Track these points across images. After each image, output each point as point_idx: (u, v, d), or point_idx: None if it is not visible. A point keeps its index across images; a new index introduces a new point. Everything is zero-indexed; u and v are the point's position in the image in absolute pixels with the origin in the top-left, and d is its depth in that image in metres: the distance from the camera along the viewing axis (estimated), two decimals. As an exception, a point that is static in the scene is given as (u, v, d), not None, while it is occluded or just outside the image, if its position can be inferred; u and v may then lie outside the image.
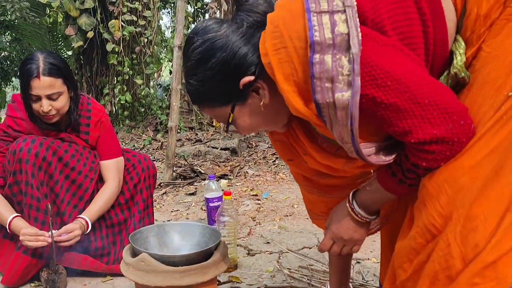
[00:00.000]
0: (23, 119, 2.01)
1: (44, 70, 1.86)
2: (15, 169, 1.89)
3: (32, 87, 1.86)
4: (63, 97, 1.94)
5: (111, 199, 2.08)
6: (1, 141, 2.01)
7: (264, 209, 2.95)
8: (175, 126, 3.72)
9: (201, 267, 1.45)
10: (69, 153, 2.02)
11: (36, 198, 1.89)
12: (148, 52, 8.47)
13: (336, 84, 0.91)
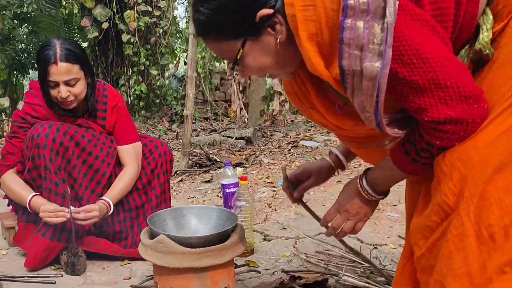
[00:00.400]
0: (41, 106, 2.03)
1: (61, 56, 1.87)
2: (33, 154, 1.91)
3: (50, 73, 1.88)
4: (80, 83, 1.95)
5: (131, 183, 2.10)
6: (19, 128, 2.03)
7: (280, 196, 2.94)
8: (191, 114, 3.73)
9: (218, 249, 1.45)
10: (86, 138, 2.04)
11: (54, 182, 1.92)
12: (163, 43, 8.49)
13: (366, 53, 0.88)
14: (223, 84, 9.70)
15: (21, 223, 2.09)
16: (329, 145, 4.86)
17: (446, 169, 0.94)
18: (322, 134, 5.54)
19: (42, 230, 1.92)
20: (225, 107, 9.26)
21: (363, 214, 1.19)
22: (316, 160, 4.01)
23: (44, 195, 1.94)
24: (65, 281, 1.84)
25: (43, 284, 1.81)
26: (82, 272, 1.92)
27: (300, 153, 4.43)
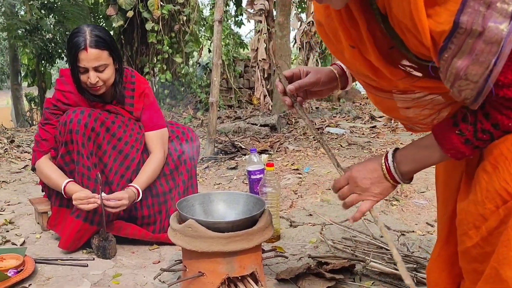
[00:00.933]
0: (72, 92, 2.07)
1: (91, 42, 1.91)
2: (66, 139, 1.96)
3: (80, 59, 1.91)
4: (109, 69, 1.98)
5: (158, 169, 2.12)
6: (51, 114, 2.08)
7: (306, 183, 2.94)
8: (216, 101, 3.74)
9: (247, 234, 1.47)
10: (116, 124, 2.07)
11: (87, 167, 1.96)
12: (187, 30, 8.51)
13: (492, 12, 0.77)
14: (247, 71, 9.68)
15: (54, 208, 2.15)
16: (354, 132, 4.82)
17: (508, 153, 0.88)
18: (348, 121, 5.49)
19: (76, 212, 1.97)
20: (249, 94, 9.25)
21: (372, 194, 1.10)
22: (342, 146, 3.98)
23: (77, 179, 1.99)
24: (97, 264, 1.89)
25: (76, 267, 1.85)
26: (113, 255, 1.97)
27: (326, 140, 4.41)
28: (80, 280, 1.74)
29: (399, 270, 1.14)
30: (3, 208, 2.70)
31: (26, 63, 14.19)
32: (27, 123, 13.64)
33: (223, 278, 1.49)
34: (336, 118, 5.83)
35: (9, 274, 1.68)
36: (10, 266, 1.73)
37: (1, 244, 2.14)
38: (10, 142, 4.69)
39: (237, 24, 9.99)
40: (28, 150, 4.63)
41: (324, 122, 5.42)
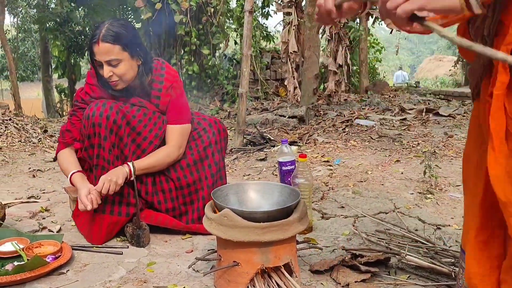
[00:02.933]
0: (97, 85, 2.07)
1: (103, 36, 1.88)
2: (89, 132, 1.96)
3: (94, 52, 1.92)
4: (124, 64, 1.94)
5: (163, 160, 2.07)
6: (78, 107, 2.10)
7: (337, 175, 2.91)
8: (245, 92, 3.73)
9: (282, 224, 1.46)
10: (136, 118, 2.05)
11: (107, 160, 1.97)
12: (214, 22, 8.51)
13: None
14: (274, 63, 9.64)
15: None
16: (384, 124, 4.74)
17: None
18: (377, 113, 5.41)
19: (100, 208, 1.98)
20: (276, 86, 9.22)
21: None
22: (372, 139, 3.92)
23: (96, 172, 2.00)
24: (131, 252, 1.91)
25: (111, 254, 1.88)
26: (147, 244, 1.99)
27: (356, 132, 4.35)
28: (115, 268, 1.76)
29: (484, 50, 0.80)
30: (39, 196, 2.76)
31: (56, 55, 14.48)
32: (57, 114, 13.95)
33: (258, 268, 1.49)
34: (365, 110, 5.75)
35: (47, 259, 1.71)
36: (48, 252, 1.77)
37: (38, 230, 2.18)
38: (44, 132, 4.80)
39: (264, 16, 9.93)
40: (60, 140, 4.73)
41: (353, 114, 5.35)
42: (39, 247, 1.83)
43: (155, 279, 1.67)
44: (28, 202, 2.63)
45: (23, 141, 4.15)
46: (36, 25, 14.21)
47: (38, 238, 1.92)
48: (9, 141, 4.00)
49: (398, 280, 1.62)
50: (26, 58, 17.28)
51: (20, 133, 4.31)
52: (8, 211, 2.27)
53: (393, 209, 2.29)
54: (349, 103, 6.43)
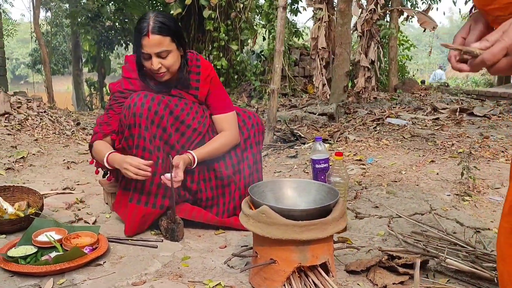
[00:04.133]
0: (137, 79, 2.09)
1: (153, 28, 1.91)
2: (129, 123, 1.98)
3: (143, 45, 1.92)
4: (172, 55, 1.97)
5: (224, 147, 2.10)
6: (116, 102, 2.11)
7: (370, 174, 2.86)
8: (277, 89, 3.71)
9: (321, 223, 1.44)
10: (179, 107, 2.07)
11: (148, 150, 1.97)
12: (243, 18, 8.51)
13: None
14: (302, 59, 9.57)
15: (119, 191, 2.20)
16: (416, 123, 4.65)
17: None
18: (408, 112, 5.31)
19: (135, 198, 2.00)
20: (304, 83, 9.16)
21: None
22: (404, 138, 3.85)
23: None
24: (166, 246, 1.93)
25: (146, 247, 1.90)
26: (181, 238, 2.00)
27: (387, 130, 4.28)
28: (151, 261, 1.77)
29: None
30: (74, 188, 2.81)
31: (87, 50, 14.74)
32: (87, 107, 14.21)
33: (295, 267, 1.47)
34: (396, 108, 5.65)
35: (85, 251, 1.74)
36: (86, 243, 1.79)
37: (74, 221, 2.22)
38: (77, 124, 4.88)
39: (293, 12, 9.87)
40: (92, 132, 4.80)
41: (383, 112, 5.27)
42: (76, 238, 1.86)
43: (190, 274, 1.67)
44: (64, 193, 2.68)
45: (57, 133, 4.23)
46: (68, 20, 14.49)
47: (76, 229, 1.95)
48: (44, 133, 4.08)
49: (437, 283, 1.58)
50: (57, 52, 17.65)
51: (54, 125, 4.40)
52: (45, 201, 2.32)
53: (429, 210, 2.23)
54: (379, 102, 6.34)
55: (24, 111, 4.32)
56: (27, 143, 3.66)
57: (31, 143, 3.71)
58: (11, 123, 3.94)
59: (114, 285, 1.57)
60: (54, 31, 17.21)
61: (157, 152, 1.99)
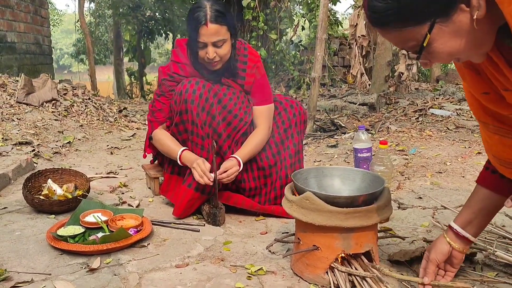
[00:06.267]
0: (187, 64, 2.11)
1: (211, 17, 1.91)
2: (181, 109, 2.00)
3: (200, 34, 1.93)
4: (227, 44, 1.98)
5: (261, 143, 2.13)
6: (167, 86, 2.14)
7: (413, 164, 2.80)
8: (318, 77, 3.67)
9: (366, 211, 1.41)
10: (227, 96, 2.09)
11: (201, 136, 2.00)
12: (282, 7, 8.44)
13: None
14: (342, 49, 9.42)
15: (166, 175, 2.24)
16: (461, 115, 4.51)
17: None
18: (453, 103, 5.14)
19: (188, 181, 2.03)
20: (344, 72, 9.02)
21: None
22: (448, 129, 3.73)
23: (190, 148, 2.04)
24: (208, 230, 1.95)
25: (188, 231, 1.92)
26: (222, 223, 2.02)
27: (430, 121, 4.17)
28: (193, 244, 1.80)
29: None
30: (117, 172, 2.88)
31: (128, 40, 15.02)
32: (127, 96, 14.52)
33: (338, 254, 1.46)
34: (439, 99, 5.49)
35: (130, 232, 1.78)
36: (131, 225, 1.84)
37: (119, 204, 2.28)
38: (119, 112, 5.00)
39: (333, 2, 9.72)
40: (134, 120, 4.91)
41: (426, 103, 5.13)
42: (121, 220, 1.90)
43: (232, 258, 1.68)
44: (108, 177, 2.76)
45: (101, 120, 4.35)
46: (110, 10, 14.80)
47: (121, 211, 2.00)
48: (89, 119, 4.20)
49: (485, 276, 1.53)
50: (99, 42, 18.07)
51: (98, 112, 4.52)
52: (91, 184, 2.38)
53: (476, 202, 2.16)
54: (421, 92, 6.17)
55: (70, 98, 4.46)
56: (73, 129, 3.78)
57: (77, 128, 3.83)
58: (58, 109, 4.07)
59: (158, 266, 1.60)
60: (97, 21, 17.62)
61: (207, 138, 2.02)
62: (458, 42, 0.90)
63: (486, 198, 1.31)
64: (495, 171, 1.26)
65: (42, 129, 3.47)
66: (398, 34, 0.93)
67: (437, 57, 0.94)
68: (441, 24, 0.88)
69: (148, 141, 2.27)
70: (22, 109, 3.71)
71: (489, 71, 1.00)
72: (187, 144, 2.06)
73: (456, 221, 1.36)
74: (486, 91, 1.05)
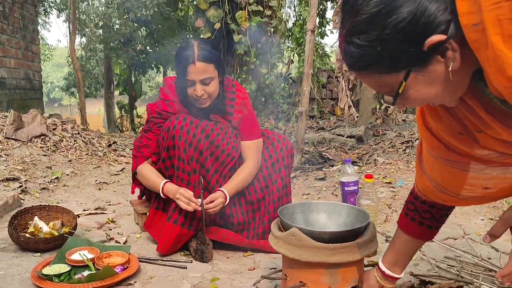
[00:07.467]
0: (175, 102, 2.15)
1: (199, 56, 1.97)
2: (168, 145, 2.03)
3: (188, 72, 1.98)
4: (214, 81, 2.03)
5: (250, 177, 2.14)
6: (154, 123, 2.17)
7: (400, 197, 2.82)
8: (305, 111, 3.73)
9: (352, 246, 1.43)
10: (215, 132, 2.12)
11: (187, 172, 2.02)
12: (274, 42, 8.61)
13: None
14: (330, 82, 9.59)
15: (152, 209, 2.24)
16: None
17: None
18: (439, 134, 5.22)
19: (173, 217, 2.03)
20: (332, 105, 9.15)
21: None
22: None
23: (176, 184, 2.05)
24: (195, 267, 1.94)
25: (176, 268, 1.91)
26: (210, 259, 2.01)
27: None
28: (180, 281, 1.78)
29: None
30: (105, 208, 2.87)
31: (118, 73, 15.14)
32: (117, 129, 14.52)
33: (325, 290, 1.46)
34: (425, 131, 5.57)
35: (116, 270, 1.76)
36: (117, 263, 1.82)
37: (106, 241, 2.26)
38: (108, 146, 5.00)
39: (320, 35, 9.95)
40: (123, 154, 4.91)
41: (413, 135, 5.20)
42: (108, 257, 1.89)
43: (219, 295, 1.67)
44: (96, 213, 2.74)
45: (90, 154, 4.34)
46: (102, 45, 14.96)
47: (107, 248, 1.99)
48: (78, 154, 4.20)
49: (472, 310, 1.53)
50: (90, 75, 18.18)
51: (87, 146, 4.52)
52: (78, 221, 2.37)
53: (462, 235, 2.18)
54: (408, 124, 6.27)
55: (59, 133, 4.46)
56: (61, 164, 3.77)
57: (65, 163, 3.82)
58: (47, 144, 4.07)
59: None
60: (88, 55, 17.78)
61: (193, 174, 2.03)
62: (433, 90, 0.92)
63: (408, 242, 1.40)
64: (414, 219, 1.35)
65: (30, 164, 3.46)
66: (374, 80, 0.94)
67: (412, 103, 0.96)
68: (417, 73, 0.89)
69: (133, 176, 2.28)
70: (10, 144, 3.71)
71: (462, 113, 1.02)
72: (173, 180, 2.07)
73: (383, 261, 1.46)
74: (460, 131, 1.06)
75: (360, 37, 0.88)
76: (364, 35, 0.87)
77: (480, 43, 0.80)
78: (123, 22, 12.58)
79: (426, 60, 0.87)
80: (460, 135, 1.08)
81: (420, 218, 1.36)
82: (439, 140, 1.13)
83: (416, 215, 1.36)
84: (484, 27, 0.77)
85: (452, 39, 0.84)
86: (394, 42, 0.85)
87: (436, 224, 1.37)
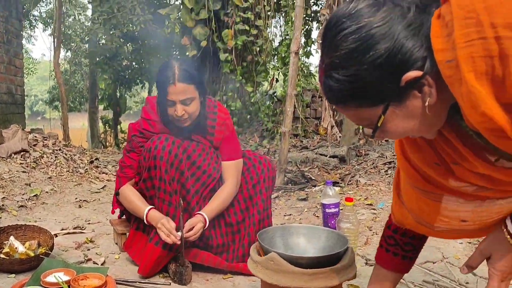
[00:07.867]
0: (157, 121, 2.15)
1: (179, 76, 1.97)
2: (149, 165, 2.02)
3: (169, 92, 1.99)
4: (195, 102, 2.04)
5: (229, 198, 2.14)
6: (136, 142, 2.16)
7: (381, 219, 2.84)
8: (288, 131, 3.75)
9: (330, 271, 1.43)
10: (197, 152, 2.12)
11: (168, 193, 2.01)
12: (259, 61, 8.68)
13: None
14: (314, 101, 9.67)
15: (132, 230, 2.22)
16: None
17: None
18: (420, 155, 5.28)
19: (155, 239, 2.01)
20: (316, 124, 9.21)
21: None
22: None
23: (157, 205, 2.04)
24: (173, 290, 1.91)
25: (154, 291, 1.89)
26: (189, 282, 1.99)
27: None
28: (158, 305, 1.76)
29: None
30: (84, 227, 2.82)
31: (103, 88, 15.06)
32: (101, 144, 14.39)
33: (303, 316, 1.45)
34: (407, 152, 5.64)
35: (93, 293, 1.73)
36: (94, 285, 1.79)
37: (83, 262, 2.22)
38: (90, 162, 4.95)
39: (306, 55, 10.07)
40: (105, 171, 4.86)
41: (395, 156, 5.26)
42: (85, 279, 1.85)
43: (197, 319, 1.65)
44: (75, 232, 2.70)
45: (71, 171, 4.29)
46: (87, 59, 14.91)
47: (84, 270, 1.95)
48: (58, 171, 4.14)
49: (450, 336, 1.54)
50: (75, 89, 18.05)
51: (68, 163, 4.47)
52: (56, 240, 2.33)
53: (441, 258, 2.20)
54: (391, 144, 6.33)
55: (40, 149, 4.40)
56: (41, 181, 3.71)
57: (45, 180, 3.76)
58: (27, 160, 4.01)
59: (120, 330, 1.55)
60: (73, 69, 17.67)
61: (174, 195, 2.02)
62: (411, 123, 0.94)
63: (389, 277, 1.41)
64: (397, 253, 1.36)
65: (8, 181, 3.40)
66: (353, 113, 0.96)
67: (391, 135, 0.99)
68: (395, 107, 0.91)
69: (115, 196, 2.26)
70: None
71: (439, 145, 1.04)
72: (154, 200, 2.06)
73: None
74: (436, 161, 1.08)
75: (339, 72, 0.90)
76: (343, 70, 0.89)
77: (454, 79, 0.81)
78: (109, 37, 12.58)
79: (403, 95, 0.90)
80: (437, 166, 1.09)
81: (402, 251, 1.36)
82: (416, 170, 1.14)
83: (397, 249, 1.36)
84: (458, 63, 0.79)
85: (428, 75, 0.86)
86: (372, 77, 0.87)
87: (417, 254, 1.40)
